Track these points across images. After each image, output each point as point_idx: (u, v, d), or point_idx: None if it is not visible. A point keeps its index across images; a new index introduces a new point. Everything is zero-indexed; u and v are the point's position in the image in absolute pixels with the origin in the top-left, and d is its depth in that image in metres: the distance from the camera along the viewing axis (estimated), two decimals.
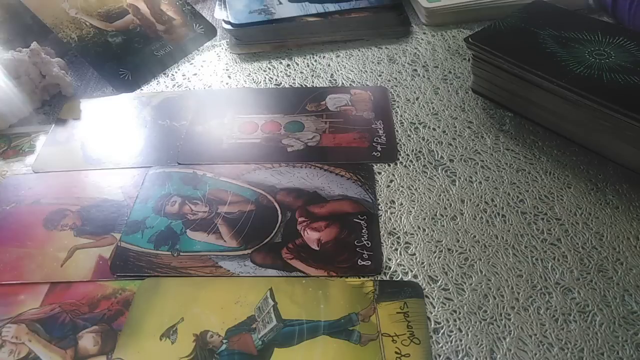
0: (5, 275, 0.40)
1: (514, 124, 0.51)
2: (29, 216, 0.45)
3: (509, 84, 0.48)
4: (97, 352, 0.35)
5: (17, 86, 0.55)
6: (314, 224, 0.43)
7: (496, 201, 0.44)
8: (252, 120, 0.53)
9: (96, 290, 0.39)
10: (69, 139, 0.53)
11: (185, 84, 0.60)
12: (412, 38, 0.65)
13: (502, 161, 0.47)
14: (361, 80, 0.58)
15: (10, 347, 0.36)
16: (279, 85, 0.59)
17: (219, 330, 0.36)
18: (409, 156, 0.49)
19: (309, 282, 0.38)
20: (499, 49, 0.47)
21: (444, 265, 0.39)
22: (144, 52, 0.61)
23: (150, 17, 0.63)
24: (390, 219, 0.43)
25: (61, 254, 0.41)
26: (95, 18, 0.60)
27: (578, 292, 0.37)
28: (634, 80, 0.42)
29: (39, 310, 0.38)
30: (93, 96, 0.59)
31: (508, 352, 0.34)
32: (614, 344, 0.34)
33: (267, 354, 0.34)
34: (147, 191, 0.46)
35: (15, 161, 0.51)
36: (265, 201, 0.45)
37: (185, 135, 0.52)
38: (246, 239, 0.42)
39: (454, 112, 0.53)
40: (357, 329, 0.35)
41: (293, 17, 0.64)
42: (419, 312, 0.36)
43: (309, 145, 0.50)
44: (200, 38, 0.65)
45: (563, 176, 0.46)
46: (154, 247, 0.42)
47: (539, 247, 0.40)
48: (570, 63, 0.45)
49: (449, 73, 0.58)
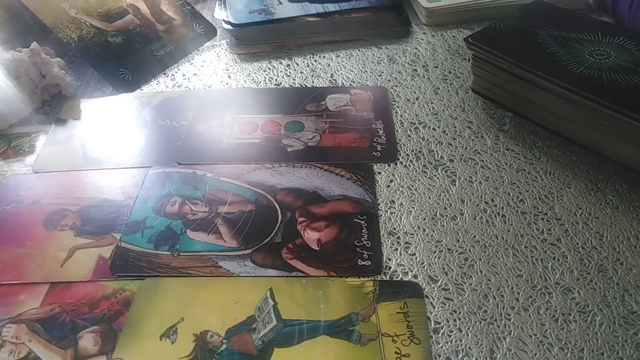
0: (5, 275, 0.40)
1: (514, 124, 0.51)
2: (29, 216, 0.45)
3: (509, 84, 0.48)
4: (97, 352, 0.35)
5: (17, 86, 0.55)
6: (314, 224, 0.43)
7: (496, 201, 0.44)
8: (252, 120, 0.53)
9: (96, 290, 0.39)
10: (69, 139, 0.53)
11: (185, 84, 0.60)
12: (412, 38, 0.64)
13: (502, 161, 0.47)
14: (361, 80, 0.58)
15: (10, 347, 0.36)
16: (279, 85, 0.59)
17: (219, 330, 0.36)
18: (409, 156, 0.49)
19: (309, 282, 0.38)
20: (499, 49, 0.47)
21: (444, 265, 0.39)
22: (144, 52, 0.61)
23: (150, 17, 0.63)
24: (390, 219, 0.43)
25: (61, 254, 0.41)
26: (95, 18, 0.60)
27: (578, 292, 0.37)
28: (634, 80, 0.42)
29: (39, 310, 0.38)
30: (93, 96, 0.59)
31: (508, 352, 0.34)
32: (614, 344, 0.34)
33: (267, 354, 0.34)
34: (147, 191, 0.46)
35: (15, 161, 0.51)
36: (265, 201, 0.45)
37: (185, 135, 0.52)
38: (246, 239, 0.42)
39: (454, 112, 0.53)
40: (357, 329, 0.35)
41: (293, 17, 0.64)
42: (419, 312, 0.36)
43: (309, 145, 0.50)
44: (200, 38, 0.65)
45: (563, 176, 0.46)
46: (154, 247, 0.42)
47: (539, 247, 0.40)
48: (570, 63, 0.45)
49: (449, 73, 0.58)
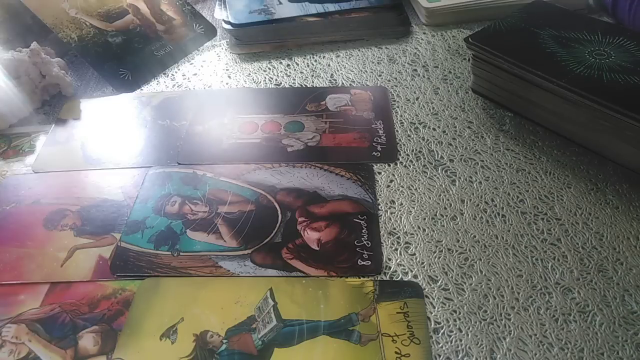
0: (5, 275, 0.40)
1: (514, 124, 0.51)
2: (29, 216, 0.45)
3: (509, 84, 0.48)
4: (97, 352, 0.35)
5: (17, 86, 0.55)
6: (314, 224, 0.43)
7: (496, 201, 0.44)
8: (252, 120, 0.53)
9: (96, 290, 0.39)
10: (69, 139, 0.53)
11: (185, 84, 0.60)
12: (412, 38, 0.64)
13: (502, 161, 0.47)
14: (361, 80, 0.58)
15: (10, 347, 0.36)
16: (279, 85, 0.59)
17: (219, 330, 0.36)
18: (409, 156, 0.49)
19: (309, 282, 0.38)
20: (499, 49, 0.47)
21: (444, 265, 0.39)
22: (144, 52, 0.61)
23: (150, 17, 0.63)
24: (390, 219, 0.43)
25: (61, 254, 0.41)
26: (95, 18, 0.60)
27: (578, 292, 0.37)
28: (634, 80, 0.42)
29: (39, 310, 0.38)
30: (93, 96, 0.59)
31: (508, 352, 0.34)
32: (614, 344, 0.34)
33: (267, 354, 0.34)
34: (147, 191, 0.46)
35: (15, 161, 0.51)
36: (265, 201, 0.45)
37: (185, 135, 0.52)
38: (246, 239, 0.42)
39: (454, 112, 0.53)
40: (357, 329, 0.35)
41: (293, 17, 0.64)
42: (419, 312, 0.36)
43: (309, 145, 0.50)
44: (200, 38, 0.65)
45: (563, 176, 0.46)
46: (154, 247, 0.42)
47: (539, 247, 0.40)
48: (570, 63, 0.45)
49: (449, 73, 0.58)
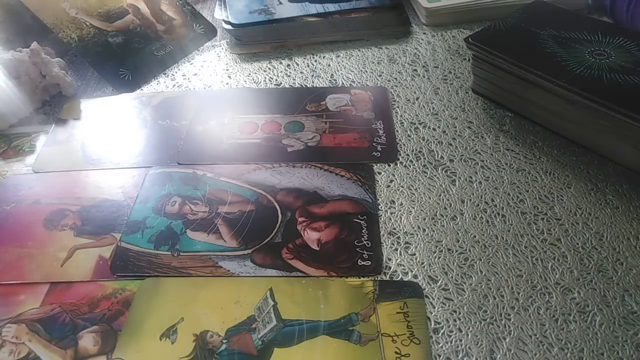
0: (5, 275, 0.40)
1: (514, 124, 0.51)
2: (29, 216, 0.45)
3: (509, 84, 0.48)
4: (97, 352, 0.35)
5: (17, 86, 0.55)
6: (314, 224, 0.43)
7: (496, 201, 0.44)
8: (252, 121, 0.53)
9: (96, 290, 0.39)
10: (69, 139, 0.53)
11: (185, 84, 0.60)
12: (412, 38, 0.64)
13: (502, 161, 0.47)
14: (361, 80, 0.58)
15: (10, 347, 0.36)
16: (279, 85, 0.59)
17: (219, 330, 0.36)
18: (409, 156, 0.49)
19: (309, 282, 0.38)
20: (499, 49, 0.47)
21: (444, 265, 0.39)
22: (144, 52, 0.61)
23: (151, 17, 0.63)
24: (390, 219, 0.43)
25: (61, 254, 0.41)
26: (95, 18, 0.60)
27: (578, 292, 0.37)
28: (634, 80, 0.42)
29: (39, 310, 0.38)
30: (93, 96, 0.59)
31: (508, 352, 0.34)
32: (614, 344, 0.34)
33: (267, 354, 0.34)
34: (147, 191, 0.46)
35: (15, 161, 0.51)
36: (265, 201, 0.45)
37: (185, 135, 0.52)
38: (246, 239, 0.42)
39: (454, 112, 0.53)
40: (357, 329, 0.35)
41: (293, 17, 0.64)
42: (419, 312, 0.36)
43: (309, 145, 0.50)
44: (200, 38, 0.65)
45: (563, 176, 0.46)
46: (154, 247, 0.42)
47: (539, 247, 0.40)
48: (570, 63, 0.45)
49: (449, 73, 0.58)
